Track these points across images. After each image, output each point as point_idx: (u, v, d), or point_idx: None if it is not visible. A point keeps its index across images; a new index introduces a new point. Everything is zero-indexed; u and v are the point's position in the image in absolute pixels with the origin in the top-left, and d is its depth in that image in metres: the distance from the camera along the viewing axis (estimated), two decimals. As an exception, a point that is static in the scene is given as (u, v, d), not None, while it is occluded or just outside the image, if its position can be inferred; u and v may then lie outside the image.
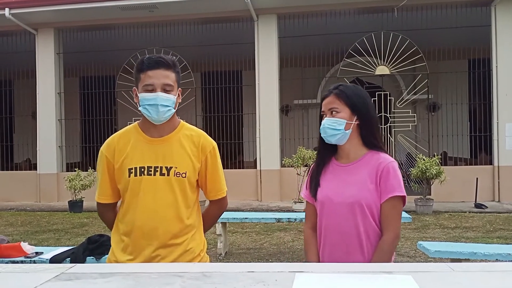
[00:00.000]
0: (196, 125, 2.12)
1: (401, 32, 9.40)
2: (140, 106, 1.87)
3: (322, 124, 1.88)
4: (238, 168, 11.62)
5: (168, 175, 1.87)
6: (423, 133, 11.41)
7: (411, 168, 8.49)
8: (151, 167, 1.87)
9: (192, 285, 1.13)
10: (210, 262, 2.06)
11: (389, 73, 10.09)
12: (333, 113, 1.86)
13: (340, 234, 1.83)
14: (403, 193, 1.80)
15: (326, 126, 1.85)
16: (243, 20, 10.17)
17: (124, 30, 10.64)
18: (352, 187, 1.83)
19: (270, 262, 5.07)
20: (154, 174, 1.87)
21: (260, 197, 9.92)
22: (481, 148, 10.56)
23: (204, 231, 2.07)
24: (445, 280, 1.15)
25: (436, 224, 7.13)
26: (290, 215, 5.93)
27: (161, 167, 1.87)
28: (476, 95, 11.39)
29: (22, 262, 3.39)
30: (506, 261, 3.71)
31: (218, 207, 2.10)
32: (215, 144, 2.01)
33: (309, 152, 8.80)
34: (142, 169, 1.86)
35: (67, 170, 10.75)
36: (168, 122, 1.91)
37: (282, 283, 1.12)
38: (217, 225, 5.48)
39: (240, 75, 12.61)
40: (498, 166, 9.21)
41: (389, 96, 10.01)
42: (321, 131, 1.89)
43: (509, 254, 3.74)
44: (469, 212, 8.15)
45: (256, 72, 10.08)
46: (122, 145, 1.92)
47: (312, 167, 2.01)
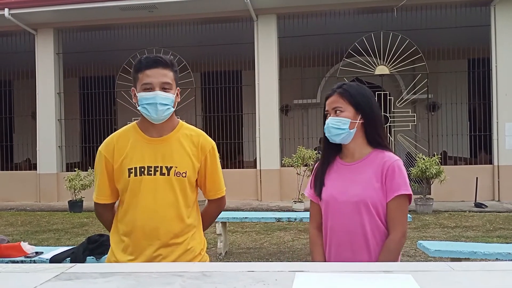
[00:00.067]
0: (196, 125, 2.12)
1: (400, 32, 9.41)
2: (139, 105, 1.86)
3: (326, 123, 1.86)
4: (238, 168, 11.62)
5: (168, 174, 1.87)
6: (423, 132, 11.40)
7: (411, 168, 8.49)
8: (151, 167, 1.86)
9: (192, 285, 1.13)
10: (210, 262, 2.06)
11: (388, 73, 10.10)
12: (337, 112, 1.84)
13: (346, 233, 1.82)
14: (409, 192, 1.79)
15: (330, 126, 1.84)
16: (243, 20, 10.17)
17: (123, 30, 10.64)
18: (357, 186, 1.81)
19: (270, 261, 5.07)
20: (154, 174, 1.86)
21: (260, 197, 9.92)
22: (480, 147, 10.56)
23: (203, 230, 2.07)
24: (445, 280, 1.15)
25: (436, 224, 7.13)
26: (290, 214, 5.93)
27: (161, 167, 1.87)
28: (476, 94, 11.39)
29: (22, 262, 3.39)
30: (506, 260, 3.71)
31: (217, 206, 2.10)
32: (214, 144, 2.00)
33: (309, 151, 8.81)
34: (142, 169, 1.86)
35: (67, 170, 10.75)
36: (167, 122, 1.91)
37: (282, 283, 1.12)
38: (217, 224, 5.48)
39: (240, 75, 12.60)
40: (498, 166, 9.21)
41: (389, 96, 10.01)
42: (325, 131, 1.87)
43: (509, 253, 3.74)
44: (469, 212, 8.15)
45: (256, 72, 10.08)
46: (121, 145, 1.91)
47: (316, 166, 1.99)
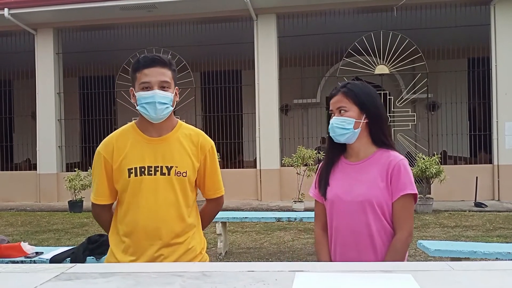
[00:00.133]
0: (196, 125, 2.12)
1: (400, 31, 9.40)
2: (137, 105, 1.85)
3: (330, 123, 1.85)
4: (238, 168, 11.62)
5: (169, 174, 1.86)
6: (423, 132, 11.40)
7: (411, 168, 8.48)
8: (151, 166, 1.86)
9: (192, 285, 1.13)
10: (210, 262, 2.06)
11: (388, 72, 10.09)
12: (341, 112, 1.83)
13: (351, 233, 1.81)
14: (414, 191, 1.78)
15: (335, 126, 1.83)
16: (243, 20, 10.16)
17: (123, 30, 10.63)
18: (362, 185, 1.80)
19: (270, 261, 5.08)
20: (155, 174, 1.85)
21: (260, 197, 9.92)
22: (480, 147, 10.56)
23: (202, 229, 2.08)
24: (445, 279, 1.15)
25: (436, 223, 7.13)
26: (290, 214, 5.93)
27: (161, 167, 1.86)
28: (476, 94, 11.39)
29: (22, 262, 3.39)
30: (506, 259, 3.71)
31: (216, 205, 2.10)
32: (213, 143, 2.01)
33: (308, 151, 8.80)
34: (143, 169, 1.85)
35: (67, 170, 10.74)
36: (167, 121, 1.90)
37: (282, 283, 1.12)
38: (217, 224, 5.48)
39: (240, 75, 12.60)
40: (498, 165, 9.20)
41: (389, 95, 10.00)
42: (329, 131, 1.86)
43: (509, 252, 3.74)
44: (469, 211, 8.15)
45: (256, 72, 10.08)
46: (121, 145, 1.90)
47: (320, 165, 1.97)
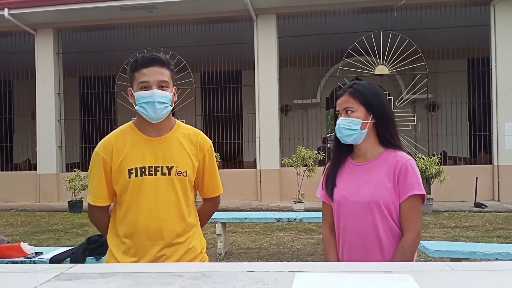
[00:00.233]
0: (196, 125, 2.13)
1: (400, 31, 9.40)
2: (136, 105, 1.85)
3: (337, 124, 1.84)
4: (238, 168, 11.61)
5: (169, 174, 1.86)
6: (423, 132, 11.41)
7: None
8: (151, 167, 1.85)
9: (192, 285, 1.13)
10: (210, 262, 2.07)
11: (388, 73, 10.09)
12: (348, 113, 1.82)
13: (358, 234, 1.80)
14: (422, 192, 1.76)
15: (342, 126, 1.81)
16: (243, 20, 10.17)
17: (123, 30, 10.64)
18: (369, 186, 1.79)
19: (270, 261, 5.07)
20: (155, 174, 1.85)
21: (260, 197, 9.91)
22: (480, 147, 10.56)
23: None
24: (445, 280, 1.15)
25: (435, 224, 7.13)
26: (290, 215, 5.93)
27: (162, 167, 1.86)
28: (476, 94, 11.39)
29: (22, 262, 3.39)
30: (506, 260, 3.71)
31: (214, 204, 2.11)
32: (211, 143, 2.02)
33: (308, 151, 8.80)
34: (143, 169, 1.84)
35: (67, 171, 10.74)
36: (165, 121, 1.90)
37: (282, 283, 1.12)
38: (217, 225, 5.49)
39: (240, 75, 12.60)
40: (498, 166, 9.20)
41: (389, 96, 9.99)
42: (336, 131, 1.85)
43: (509, 253, 3.74)
44: (469, 212, 8.15)
45: (256, 72, 10.07)
46: (120, 145, 1.88)
47: (327, 166, 1.97)
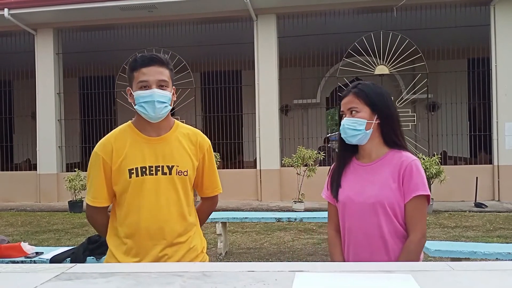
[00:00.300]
0: (196, 125, 2.13)
1: (400, 31, 9.40)
2: (136, 104, 1.84)
3: (341, 124, 1.83)
4: (238, 168, 11.61)
5: (170, 174, 1.86)
6: (423, 132, 11.40)
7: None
8: (152, 166, 1.85)
9: (192, 285, 1.12)
10: (210, 262, 2.07)
11: (388, 73, 10.09)
12: (352, 113, 1.81)
13: (363, 235, 1.80)
14: (427, 192, 1.75)
15: (346, 127, 1.81)
16: (243, 20, 10.16)
17: (123, 30, 10.64)
18: (373, 186, 1.78)
19: (270, 261, 5.07)
20: (156, 174, 1.85)
21: (260, 197, 9.91)
22: (480, 147, 10.56)
23: None
24: (445, 279, 1.15)
25: (436, 224, 7.13)
26: (290, 214, 5.93)
27: (162, 166, 1.86)
28: (476, 94, 11.40)
29: (22, 262, 3.39)
30: (506, 260, 3.71)
31: (212, 203, 2.12)
32: (210, 142, 2.03)
33: (309, 151, 8.80)
34: (144, 169, 1.84)
35: (67, 170, 10.74)
36: (164, 121, 1.90)
37: (282, 283, 1.12)
38: (217, 224, 5.49)
39: (240, 75, 12.60)
40: (498, 165, 9.20)
41: (389, 96, 10.00)
42: (341, 132, 1.84)
43: (509, 253, 3.74)
44: (469, 212, 8.15)
45: (256, 72, 10.07)
46: (120, 145, 1.88)
47: (332, 167, 1.96)
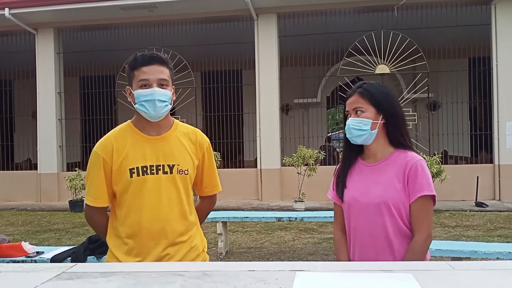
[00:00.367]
0: (196, 125, 2.13)
1: (401, 31, 9.39)
2: (136, 103, 1.83)
3: (346, 124, 1.82)
4: (239, 168, 11.62)
5: (171, 173, 1.86)
6: (424, 131, 11.40)
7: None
8: (153, 166, 1.85)
9: (193, 284, 1.12)
10: (211, 261, 2.07)
11: (389, 72, 10.09)
12: (358, 113, 1.80)
13: (369, 235, 1.80)
14: (432, 192, 1.74)
15: (351, 127, 1.80)
16: (243, 20, 10.16)
17: (124, 29, 10.64)
18: (378, 187, 1.78)
19: (271, 261, 5.08)
20: (157, 173, 1.84)
21: (261, 196, 9.91)
22: (481, 146, 10.55)
23: None
24: (446, 279, 1.15)
25: (436, 223, 7.12)
26: (291, 214, 5.93)
27: (163, 165, 1.85)
28: (477, 93, 11.39)
29: (23, 261, 3.40)
30: (507, 259, 3.71)
31: (211, 202, 2.12)
32: (209, 140, 2.03)
33: (309, 151, 8.80)
34: (145, 169, 1.83)
35: (68, 170, 10.75)
36: (164, 120, 1.90)
37: (283, 282, 1.12)
38: (217, 224, 5.49)
39: (240, 74, 12.60)
40: (499, 165, 9.20)
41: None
42: (346, 132, 1.83)
43: (510, 252, 3.74)
44: (470, 211, 8.15)
45: (256, 71, 10.07)
46: (120, 145, 1.87)
47: (338, 167, 1.96)
